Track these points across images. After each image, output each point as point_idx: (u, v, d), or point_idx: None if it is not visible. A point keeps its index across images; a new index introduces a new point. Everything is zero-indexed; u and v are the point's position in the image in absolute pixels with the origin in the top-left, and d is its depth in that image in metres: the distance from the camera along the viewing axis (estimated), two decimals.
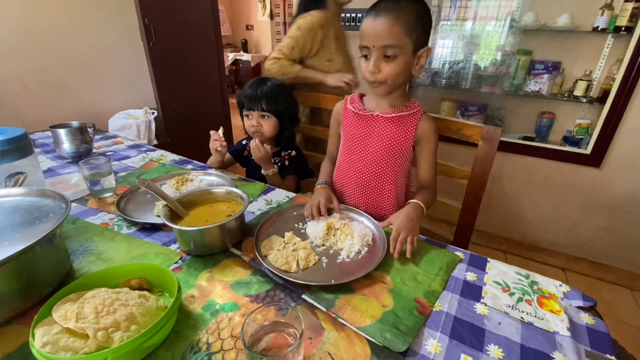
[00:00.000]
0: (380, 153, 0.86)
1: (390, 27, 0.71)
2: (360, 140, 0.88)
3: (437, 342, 0.50)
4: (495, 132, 0.90)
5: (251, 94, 1.06)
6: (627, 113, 1.46)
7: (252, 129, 1.09)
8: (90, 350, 0.41)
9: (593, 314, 0.56)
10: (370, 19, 0.73)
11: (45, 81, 1.99)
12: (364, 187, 0.91)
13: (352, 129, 0.90)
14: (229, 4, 6.10)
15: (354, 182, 0.92)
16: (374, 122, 0.86)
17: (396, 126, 0.84)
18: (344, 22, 1.90)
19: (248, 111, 1.09)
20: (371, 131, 0.87)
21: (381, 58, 0.74)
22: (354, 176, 0.91)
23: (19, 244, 0.48)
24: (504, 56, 1.74)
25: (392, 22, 0.70)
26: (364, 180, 0.90)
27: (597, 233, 1.70)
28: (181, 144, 2.29)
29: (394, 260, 0.67)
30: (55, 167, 1.10)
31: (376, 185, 0.89)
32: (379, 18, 0.71)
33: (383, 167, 0.87)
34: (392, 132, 0.84)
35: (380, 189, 0.90)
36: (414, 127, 0.84)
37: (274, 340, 0.47)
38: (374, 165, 0.88)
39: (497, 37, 1.76)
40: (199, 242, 0.67)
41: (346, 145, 0.92)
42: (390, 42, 0.71)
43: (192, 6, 2.40)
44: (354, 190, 0.92)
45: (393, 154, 0.86)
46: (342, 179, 0.95)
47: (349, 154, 0.92)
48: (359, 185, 0.91)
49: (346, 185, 0.94)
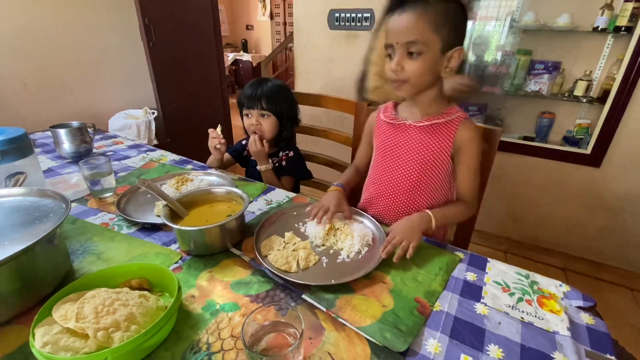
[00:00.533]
0: (413, 165, 0.80)
1: (414, 22, 0.66)
2: (392, 151, 0.83)
3: (437, 342, 0.50)
4: (495, 132, 0.90)
5: (251, 93, 1.06)
6: (627, 113, 1.46)
7: (251, 127, 1.09)
8: (90, 350, 0.41)
9: (593, 314, 0.56)
10: (396, 15, 0.69)
11: (46, 81, 2.00)
12: (396, 200, 0.85)
13: (384, 139, 0.85)
14: (229, 4, 6.10)
15: (385, 195, 0.87)
16: (407, 131, 0.80)
17: (431, 136, 0.77)
18: (343, 22, 1.90)
19: (248, 110, 1.09)
20: (404, 141, 0.81)
21: (405, 55, 0.69)
22: (385, 188, 0.86)
23: (19, 244, 0.48)
24: (504, 56, 1.74)
25: (417, 16, 0.66)
26: (396, 193, 0.85)
27: (597, 233, 1.70)
28: (181, 144, 2.29)
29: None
30: (55, 167, 1.10)
31: (409, 198, 0.83)
32: (403, 13, 0.67)
33: (417, 180, 0.81)
34: (427, 142, 0.78)
35: (413, 203, 0.83)
36: (452, 136, 0.76)
37: (274, 340, 0.47)
38: (407, 177, 0.82)
39: (497, 37, 1.76)
40: (199, 242, 0.67)
41: (378, 156, 0.88)
42: (414, 37, 0.67)
43: (192, 6, 2.40)
44: (386, 202, 0.87)
45: (428, 165, 0.79)
46: (373, 190, 0.90)
47: (381, 165, 0.87)
48: (391, 198, 0.86)
49: (380, 198, 0.88)
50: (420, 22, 0.66)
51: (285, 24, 5.70)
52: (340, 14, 1.88)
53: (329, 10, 1.90)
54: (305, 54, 2.12)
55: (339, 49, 1.98)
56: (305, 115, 1.28)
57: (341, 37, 1.95)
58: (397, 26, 0.69)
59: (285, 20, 5.67)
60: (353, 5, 1.83)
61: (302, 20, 2.05)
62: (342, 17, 1.89)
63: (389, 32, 0.71)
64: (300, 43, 2.11)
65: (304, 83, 2.19)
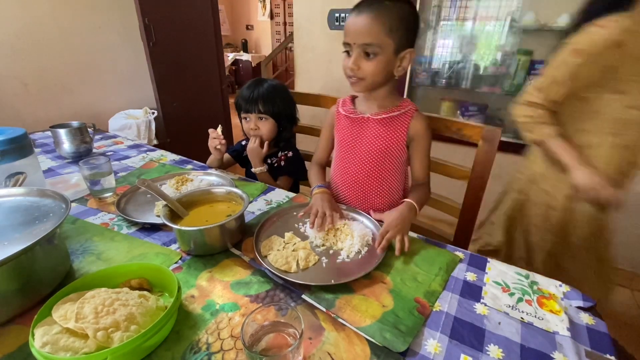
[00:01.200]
0: (373, 155, 0.86)
1: (370, 26, 0.70)
2: (353, 143, 0.88)
3: (437, 342, 0.50)
4: (496, 132, 0.90)
5: (248, 95, 1.06)
6: None
7: (250, 131, 1.09)
8: (90, 350, 0.41)
9: (593, 314, 0.56)
10: (353, 15, 0.73)
11: (46, 81, 2.00)
12: (359, 189, 0.90)
13: (344, 133, 0.89)
14: (229, 4, 6.10)
15: (348, 184, 0.92)
16: (366, 124, 0.86)
17: (387, 127, 0.84)
18: (343, 22, 1.90)
19: (246, 114, 1.08)
20: (363, 134, 0.86)
21: (362, 55, 0.74)
22: (348, 179, 0.91)
23: (19, 244, 0.48)
24: (504, 56, 1.74)
25: (372, 20, 0.70)
26: (358, 183, 0.90)
27: None
28: (181, 144, 2.29)
29: (394, 260, 0.67)
30: (55, 167, 1.10)
31: (371, 186, 0.89)
32: (360, 16, 0.71)
33: (376, 169, 0.87)
34: (384, 133, 0.84)
35: (375, 191, 0.90)
36: (406, 127, 0.83)
37: (274, 340, 0.47)
38: (367, 167, 0.87)
39: (497, 37, 1.76)
40: (199, 242, 0.67)
41: (340, 149, 0.92)
42: (370, 40, 0.71)
43: (192, 6, 2.40)
44: (350, 192, 0.92)
45: (386, 155, 0.86)
46: (337, 182, 0.95)
47: (343, 157, 0.92)
48: (353, 188, 0.91)
49: (341, 187, 0.94)
50: (375, 25, 0.70)
51: (285, 24, 5.70)
52: (340, 14, 1.89)
53: (329, 10, 1.90)
54: (305, 54, 2.12)
55: (339, 49, 1.97)
56: (305, 115, 1.28)
57: (341, 37, 1.94)
58: (354, 27, 0.73)
59: (285, 20, 5.67)
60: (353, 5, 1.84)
61: (302, 20, 2.05)
62: (342, 17, 1.89)
63: (347, 30, 0.75)
64: (300, 43, 2.11)
65: (304, 83, 2.19)
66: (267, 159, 1.15)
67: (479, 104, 1.87)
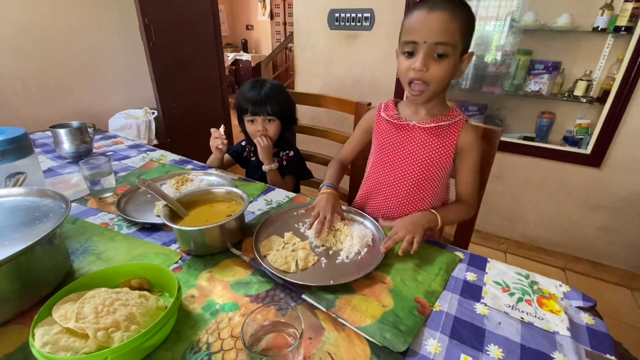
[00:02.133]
0: (417, 166, 0.80)
1: (447, 24, 0.65)
2: (395, 151, 0.82)
3: (437, 342, 0.50)
4: (495, 132, 0.90)
5: (255, 97, 1.02)
6: (627, 113, 1.46)
7: (257, 134, 1.06)
8: (90, 350, 0.41)
9: (593, 314, 0.56)
10: (424, 12, 0.66)
11: (46, 81, 2.00)
12: (399, 201, 0.85)
13: (386, 139, 0.83)
14: (229, 4, 6.10)
15: (387, 195, 0.86)
16: (411, 132, 0.80)
17: (435, 137, 0.78)
18: (343, 22, 1.90)
19: (252, 116, 1.05)
20: (407, 142, 0.80)
21: (431, 56, 0.67)
22: (388, 188, 0.85)
23: (19, 244, 0.48)
24: (504, 56, 1.74)
25: (450, 18, 0.65)
26: (398, 193, 0.84)
27: (597, 233, 1.70)
28: (181, 144, 2.30)
29: (394, 260, 0.67)
30: (55, 167, 1.10)
31: (412, 199, 0.83)
32: (434, 12, 0.65)
33: (420, 181, 0.81)
34: (431, 143, 0.78)
35: (416, 203, 0.84)
36: (455, 138, 0.77)
37: (274, 340, 0.47)
38: (410, 178, 0.81)
39: (497, 37, 1.76)
40: (199, 242, 0.67)
41: (379, 156, 0.86)
42: (445, 39, 0.65)
43: (192, 6, 2.40)
44: (387, 203, 0.87)
45: (431, 167, 0.80)
46: (373, 191, 0.89)
47: (382, 165, 0.86)
48: (393, 199, 0.85)
49: (378, 197, 0.88)
50: (452, 24, 0.65)
51: (285, 24, 5.69)
52: (340, 14, 1.89)
53: (329, 10, 1.90)
54: (305, 54, 2.12)
55: (339, 49, 1.98)
56: (305, 115, 1.28)
57: (341, 37, 1.95)
58: (427, 24, 0.66)
59: (285, 20, 5.67)
60: (353, 5, 1.84)
61: (302, 20, 2.05)
62: (342, 17, 1.89)
63: (414, 27, 0.68)
64: (300, 43, 2.11)
65: (304, 83, 2.19)
66: None
67: (479, 104, 1.86)
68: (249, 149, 1.20)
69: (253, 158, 1.18)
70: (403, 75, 0.72)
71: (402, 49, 0.71)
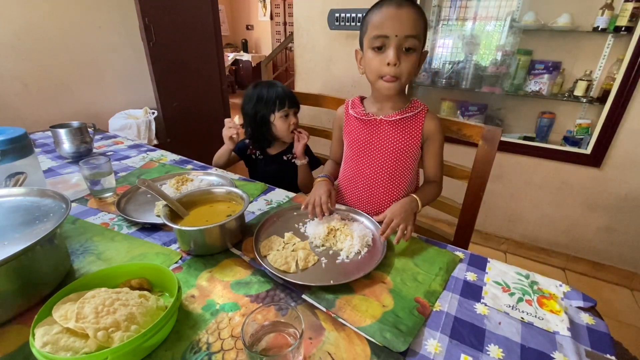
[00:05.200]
0: (388, 158, 0.84)
1: (415, 19, 0.69)
2: (365, 147, 0.85)
3: (437, 342, 0.50)
4: (495, 132, 0.90)
5: (289, 93, 1.10)
6: (627, 113, 1.46)
7: (292, 127, 1.12)
8: (90, 350, 0.41)
9: (593, 314, 0.56)
10: (392, 8, 0.69)
11: (46, 81, 2.00)
12: (374, 193, 0.88)
13: (356, 135, 0.86)
14: (229, 4, 6.10)
15: (362, 188, 0.89)
16: (379, 126, 0.83)
17: (402, 129, 0.81)
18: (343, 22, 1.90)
19: (289, 110, 1.11)
20: (377, 136, 0.83)
21: (401, 50, 0.70)
22: (362, 182, 0.88)
23: (19, 244, 0.48)
24: (504, 56, 1.74)
25: (416, 13, 0.69)
26: (373, 186, 0.87)
27: (597, 233, 1.70)
28: (181, 144, 2.30)
29: (394, 260, 0.67)
30: (55, 167, 1.10)
31: (386, 189, 0.87)
32: (403, 8, 0.68)
33: (393, 172, 0.85)
34: (399, 135, 0.82)
35: (390, 193, 0.87)
36: (420, 127, 0.81)
37: (274, 340, 0.47)
38: (383, 170, 0.85)
39: (497, 37, 1.76)
40: (199, 242, 0.67)
41: (351, 152, 0.89)
42: (415, 32, 0.69)
43: (192, 6, 2.40)
44: (363, 195, 0.90)
45: (402, 157, 0.83)
46: (349, 185, 0.92)
47: (355, 160, 0.88)
48: (368, 191, 0.88)
49: (354, 191, 0.91)
50: (419, 20, 0.70)
51: (285, 24, 5.70)
52: (340, 14, 1.88)
53: (329, 10, 1.90)
54: (305, 54, 2.12)
55: (339, 49, 1.98)
56: (305, 115, 1.29)
57: (341, 37, 1.95)
58: (397, 18, 0.68)
59: (285, 20, 5.67)
60: (353, 5, 1.83)
61: (302, 20, 2.05)
62: (342, 17, 1.88)
63: (384, 22, 0.69)
64: (300, 43, 2.11)
65: (304, 83, 2.19)
66: (283, 155, 1.17)
67: (479, 104, 1.86)
68: (252, 148, 1.21)
69: (261, 156, 1.21)
70: (375, 71, 0.74)
71: (371, 44, 0.72)
